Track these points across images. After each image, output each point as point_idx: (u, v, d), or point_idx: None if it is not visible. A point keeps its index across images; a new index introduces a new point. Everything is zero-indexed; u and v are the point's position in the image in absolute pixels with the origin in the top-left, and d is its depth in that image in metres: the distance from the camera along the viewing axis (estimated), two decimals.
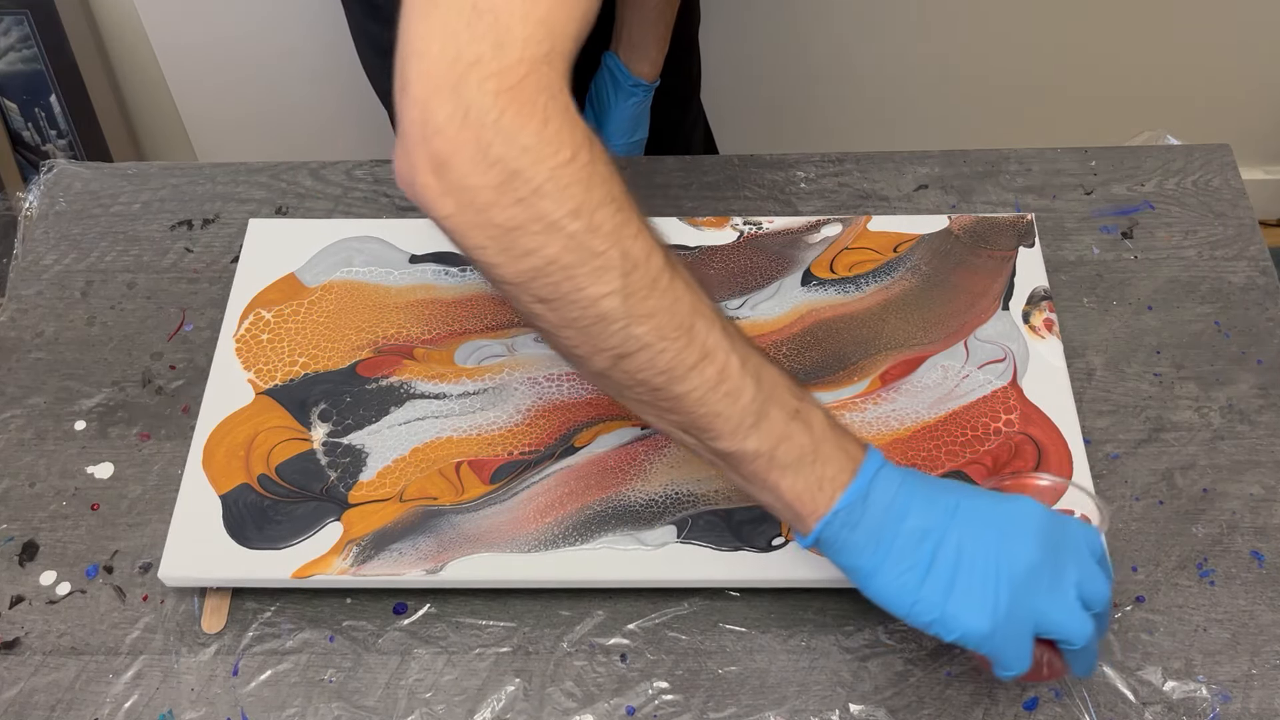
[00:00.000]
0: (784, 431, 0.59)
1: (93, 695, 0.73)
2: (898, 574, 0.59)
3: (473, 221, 0.55)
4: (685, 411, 0.58)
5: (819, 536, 0.60)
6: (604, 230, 0.55)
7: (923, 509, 0.60)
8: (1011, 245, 0.89)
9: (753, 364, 0.59)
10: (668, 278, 0.57)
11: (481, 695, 0.72)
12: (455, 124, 0.53)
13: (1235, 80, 1.65)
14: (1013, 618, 0.59)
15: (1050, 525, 0.61)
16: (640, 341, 0.56)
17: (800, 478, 0.59)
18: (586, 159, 0.55)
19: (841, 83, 1.67)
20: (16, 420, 0.84)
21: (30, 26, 1.56)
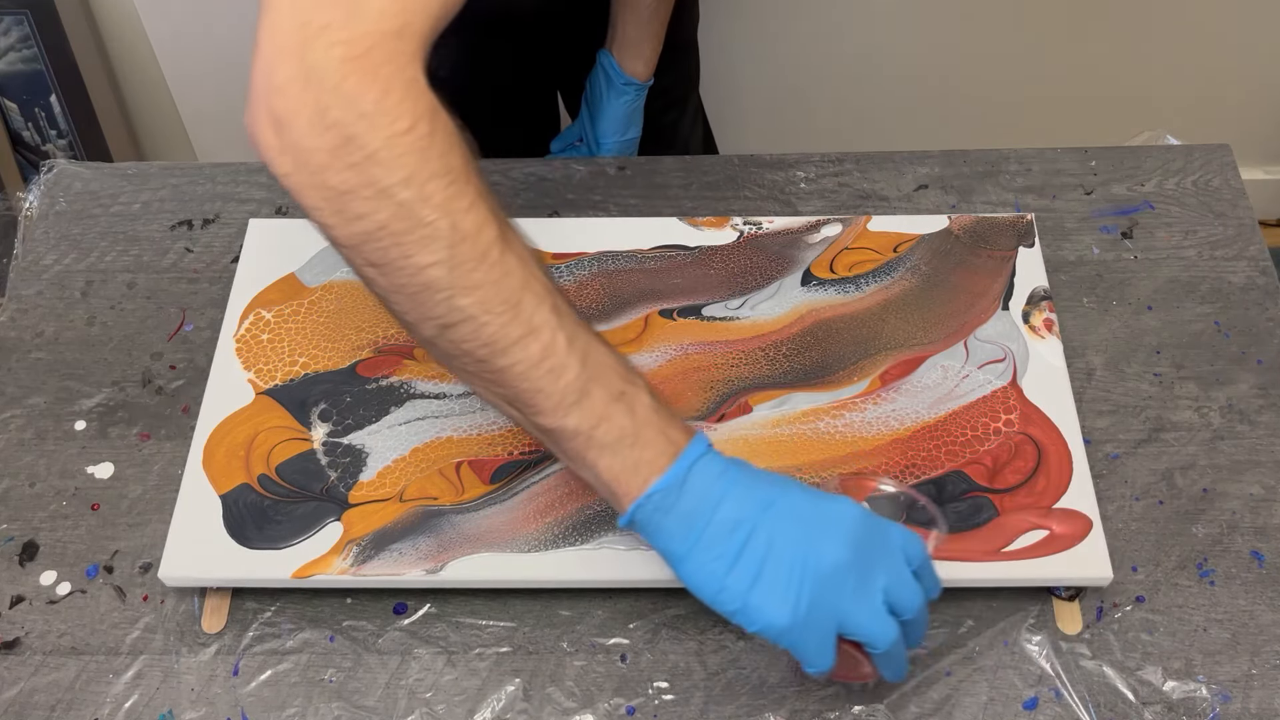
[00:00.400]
0: (605, 412, 0.60)
1: (93, 695, 0.73)
2: (706, 561, 0.60)
3: (308, 182, 0.56)
4: (508, 385, 0.59)
5: (632, 518, 0.61)
6: (434, 201, 0.56)
7: (738, 500, 0.60)
8: (1011, 245, 0.89)
9: (580, 343, 0.60)
10: (498, 252, 0.58)
11: (481, 695, 0.72)
12: (297, 85, 0.54)
13: (1235, 80, 1.65)
14: (814, 615, 0.60)
15: (866, 528, 0.61)
16: (464, 313, 0.57)
17: (618, 459, 0.60)
18: (425, 131, 0.56)
19: (841, 83, 1.67)
20: (16, 420, 0.84)
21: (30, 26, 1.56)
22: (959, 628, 0.74)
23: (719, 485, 0.60)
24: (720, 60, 1.60)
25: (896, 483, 0.71)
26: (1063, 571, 0.73)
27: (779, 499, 0.61)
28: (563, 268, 0.88)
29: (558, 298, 0.60)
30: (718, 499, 0.60)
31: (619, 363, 0.61)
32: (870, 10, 1.57)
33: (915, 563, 0.63)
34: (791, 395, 0.81)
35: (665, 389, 0.81)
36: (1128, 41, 1.60)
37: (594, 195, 0.96)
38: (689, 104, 1.23)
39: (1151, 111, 1.63)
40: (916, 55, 1.63)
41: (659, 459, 0.60)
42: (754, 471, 0.63)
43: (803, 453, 0.78)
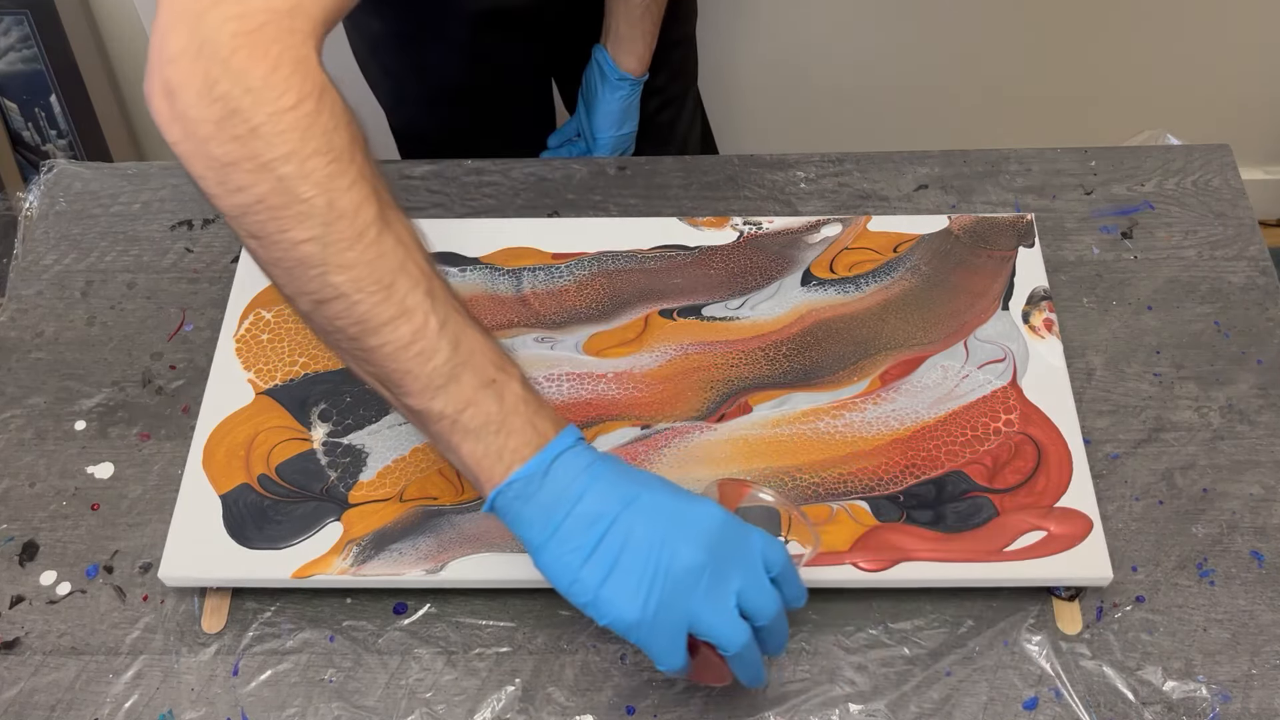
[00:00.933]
0: (472, 398, 0.60)
1: (93, 695, 0.73)
2: (562, 553, 0.61)
3: (194, 151, 0.57)
4: (378, 365, 0.60)
5: (493, 504, 0.62)
6: (313, 178, 0.57)
7: (600, 494, 0.61)
8: (1011, 245, 0.89)
9: (452, 328, 0.60)
10: (375, 232, 0.58)
11: (481, 695, 0.72)
12: (189, 56, 0.56)
13: (1235, 80, 1.65)
14: (664, 613, 0.60)
15: (726, 532, 0.61)
16: (337, 290, 0.58)
17: (481, 444, 0.61)
18: (311, 109, 0.57)
19: (841, 83, 1.67)
20: (16, 420, 0.84)
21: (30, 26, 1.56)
22: (959, 628, 0.74)
23: (582, 479, 0.61)
24: (720, 60, 1.60)
25: (775, 493, 0.71)
26: (1063, 571, 0.73)
27: (641, 496, 0.61)
28: (563, 268, 0.88)
29: (435, 283, 0.61)
30: (579, 492, 0.61)
31: (493, 350, 0.62)
32: (870, 10, 1.57)
33: (775, 570, 0.63)
34: (791, 395, 0.81)
35: (665, 389, 0.82)
36: (1128, 41, 1.60)
37: (594, 195, 0.96)
38: (686, 101, 1.23)
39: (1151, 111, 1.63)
40: (916, 55, 1.63)
41: (523, 448, 0.61)
42: (622, 468, 0.63)
43: (803, 453, 0.78)
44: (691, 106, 1.25)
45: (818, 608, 0.75)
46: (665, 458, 0.78)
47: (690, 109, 1.24)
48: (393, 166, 0.98)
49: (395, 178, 0.97)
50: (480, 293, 0.87)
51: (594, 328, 0.85)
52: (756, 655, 0.63)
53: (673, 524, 0.61)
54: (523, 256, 0.89)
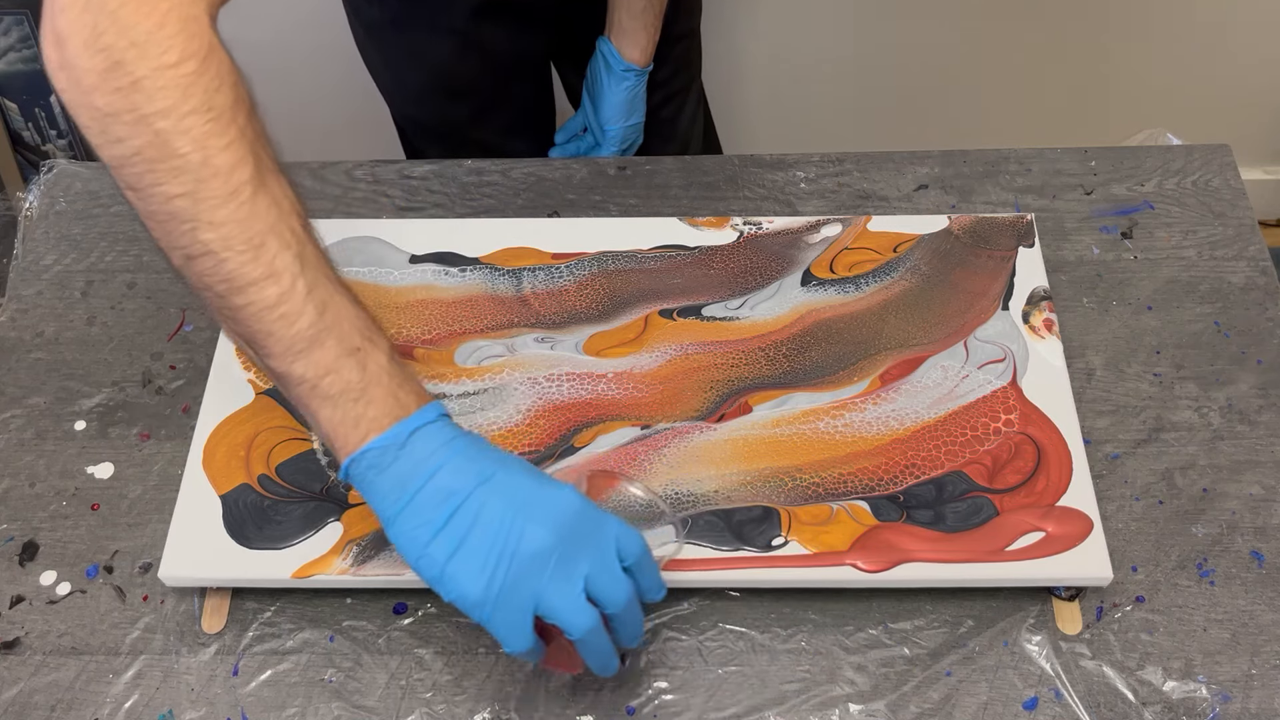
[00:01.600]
0: (334, 365, 0.61)
1: (93, 695, 0.73)
2: (412, 526, 0.61)
3: (79, 100, 0.58)
4: (244, 324, 0.61)
5: (347, 472, 0.62)
6: (191, 135, 0.58)
7: (456, 471, 0.61)
8: (1011, 245, 0.89)
9: (320, 294, 0.61)
10: (249, 192, 0.59)
11: (481, 695, 0.72)
12: (79, 6, 0.57)
13: (1235, 80, 1.65)
14: (509, 593, 0.60)
15: (578, 517, 0.62)
16: (206, 246, 0.59)
17: (339, 411, 0.61)
18: (193, 68, 0.58)
19: (841, 83, 1.67)
20: (16, 420, 0.84)
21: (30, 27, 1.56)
22: (959, 628, 0.74)
23: (440, 454, 0.61)
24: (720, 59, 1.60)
25: (644, 488, 0.71)
26: (1063, 571, 0.73)
27: (497, 475, 0.62)
28: (563, 268, 0.88)
29: (308, 248, 0.61)
30: (435, 467, 0.61)
31: (361, 320, 0.63)
32: (870, 10, 1.57)
33: (629, 559, 0.63)
34: (791, 395, 0.81)
35: (665, 389, 0.82)
36: (1128, 41, 1.60)
37: (594, 195, 0.96)
38: (689, 96, 1.23)
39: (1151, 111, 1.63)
40: (917, 55, 1.63)
41: (381, 418, 0.61)
42: (483, 447, 0.63)
43: (803, 453, 0.78)
44: (695, 101, 1.25)
45: (818, 607, 0.75)
46: (665, 458, 0.78)
47: (694, 104, 1.24)
48: (393, 166, 0.98)
49: (396, 178, 0.97)
50: (480, 293, 0.87)
51: (594, 328, 0.85)
52: (605, 643, 0.63)
53: (525, 505, 0.61)
54: (523, 256, 0.89)
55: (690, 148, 1.25)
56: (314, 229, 0.63)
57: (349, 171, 0.98)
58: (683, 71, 1.20)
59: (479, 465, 0.62)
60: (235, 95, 0.60)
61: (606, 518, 0.63)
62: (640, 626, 0.65)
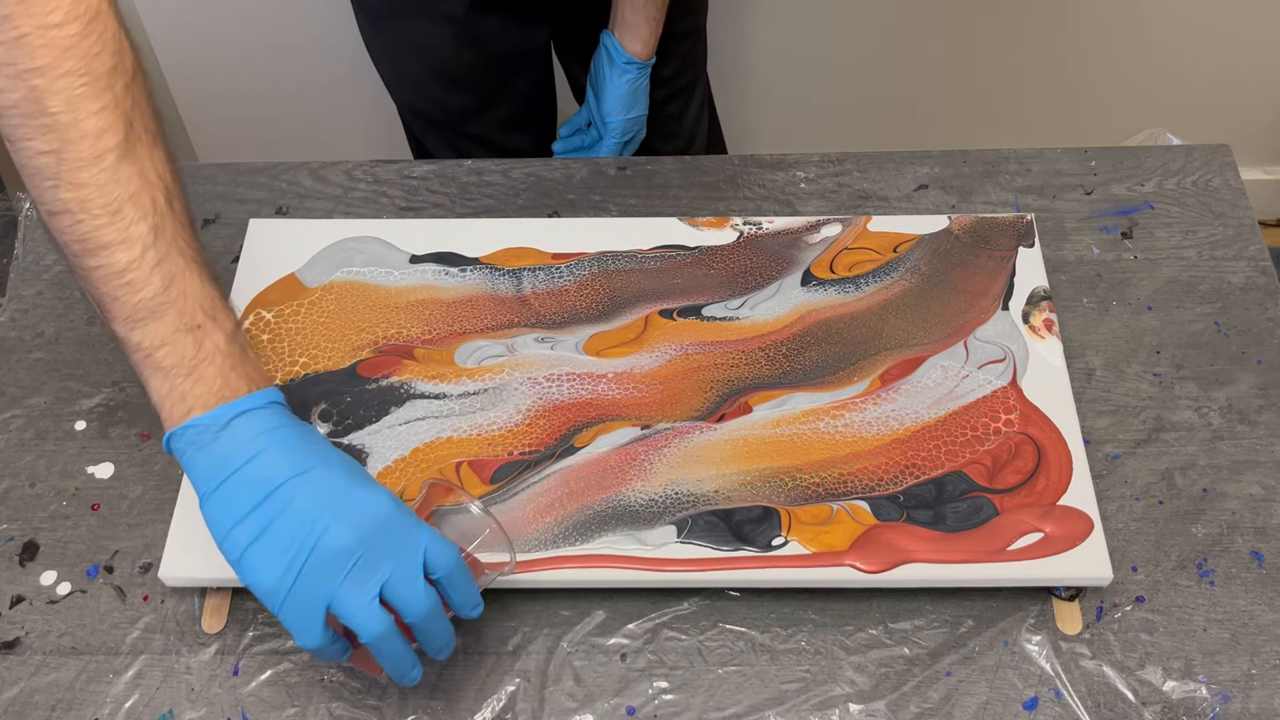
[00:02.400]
0: (170, 338, 0.62)
1: (93, 695, 0.73)
2: (221, 507, 0.62)
3: None
4: (93, 285, 0.63)
5: (168, 445, 0.63)
6: (63, 96, 0.59)
7: (273, 460, 0.62)
8: (1011, 245, 0.89)
9: (170, 266, 0.62)
10: (114, 158, 0.61)
11: (481, 695, 0.72)
12: None
13: (1235, 80, 1.65)
14: (302, 588, 0.61)
15: (386, 522, 0.62)
16: (64, 205, 0.61)
17: (168, 384, 0.63)
18: (75, 30, 0.59)
19: (841, 83, 1.67)
20: (17, 420, 0.84)
21: None
22: (959, 628, 0.74)
23: (260, 440, 0.62)
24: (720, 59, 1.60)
25: (480, 506, 0.70)
26: (1063, 571, 0.73)
27: (313, 470, 0.62)
28: (563, 268, 0.88)
29: (167, 221, 0.63)
30: (254, 453, 0.62)
31: (208, 299, 0.64)
32: (871, 10, 1.57)
33: (438, 570, 0.63)
34: (791, 395, 0.81)
35: (665, 389, 0.82)
36: (1128, 41, 1.60)
37: (594, 195, 0.96)
38: (694, 93, 1.23)
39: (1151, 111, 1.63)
40: (917, 55, 1.63)
41: (207, 397, 0.62)
42: (309, 442, 0.64)
43: (803, 453, 0.78)
44: (699, 98, 1.25)
45: (818, 607, 0.75)
46: (665, 458, 0.78)
47: (698, 101, 1.25)
48: (393, 166, 0.98)
49: (396, 178, 0.97)
50: (480, 293, 0.87)
51: (594, 328, 0.85)
52: (400, 649, 0.63)
53: (334, 502, 0.62)
54: (523, 256, 0.89)
55: (695, 145, 1.25)
56: (184, 207, 0.64)
57: (349, 171, 0.98)
58: (688, 69, 1.20)
59: (297, 457, 0.62)
60: (116, 63, 0.61)
61: (419, 527, 0.63)
62: (447, 639, 0.65)
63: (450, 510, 0.69)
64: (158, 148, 0.63)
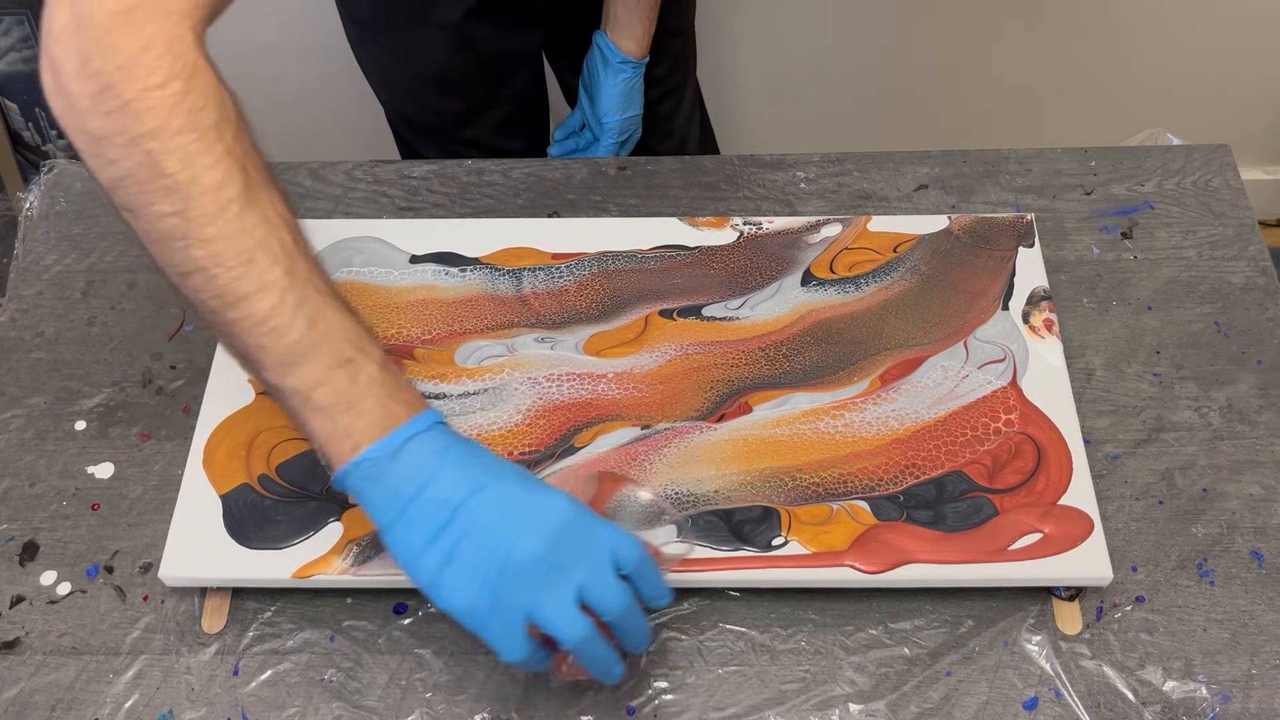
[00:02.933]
0: (324, 376, 0.61)
1: (93, 695, 0.73)
2: (405, 535, 0.62)
3: (74, 125, 0.60)
4: (237, 338, 0.62)
5: (341, 483, 0.63)
6: (178, 154, 0.59)
7: (448, 480, 0.61)
8: (1011, 245, 0.89)
9: (310, 307, 0.62)
10: (238, 208, 0.60)
11: (481, 695, 0.72)
12: (69, 32, 0.58)
13: (1235, 80, 1.65)
14: (500, 603, 0.61)
15: (571, 524, 0.62)
16: (197, 263, 0.60)
17: (330, 422, 0.62)
18: (179, 88, 0.59)
19: (841, 83, 1.67)
20: (17, 420, 0.84)
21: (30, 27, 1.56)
22: (959, 628, 0.74)
23: (432, 463, 0.62)
24: (720, 59, 1.60)
25: (653, 492, 0.70)
26: (1063, 571, 0.73)
27: (489, 484, 0.62)
28: (563, 268, 0.88)
29: (299, 262, 0.62)
30: (428, 477, 0.61)
31: (352, 331, 0.63)
32: (870, 10, 1.57)
33: (627, 566, 0.63)
34: (791, 395, 0.81)
35: (665, 389, 0.82)
36: (1128, 41, 1.60)
37: (594, 195, 0.96)
38: (685, 92, 1.23)
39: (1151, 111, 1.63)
40: (917, 55, 1.63)
41: (371, 429, 0.62)
42: (477, 456, 0.63)
43: (803, 453, 0.78)
44: (691, 98, 1.25)
45: (817, 607, 0.75)
46: (665, 458, 0.78)
47: (690, 100, 1.25)
48: (393, 167, 0.98)
49: (396, 178, 0.97)
50: (480, 293, 0.87)
51: (594, 328, 0.85)
52: (603, 650, 0.63)
53: (516, 514, 0.61)
54: (523, 256, 0.89)
55: (688, 145, 1.25)
56: (306, 242, 0.63)
57: (349, 171, 0.98)
58: (679, 67, 1.20)
59: (471, 474, 0.62)
60: (220, 114, 0.61)
61: (601, 525, 0.63)
62: (645, 632, 0.65)
63: (623, 501, 0.69)
64: (273, 189, 0.63)
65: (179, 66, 0.59)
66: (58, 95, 0.59)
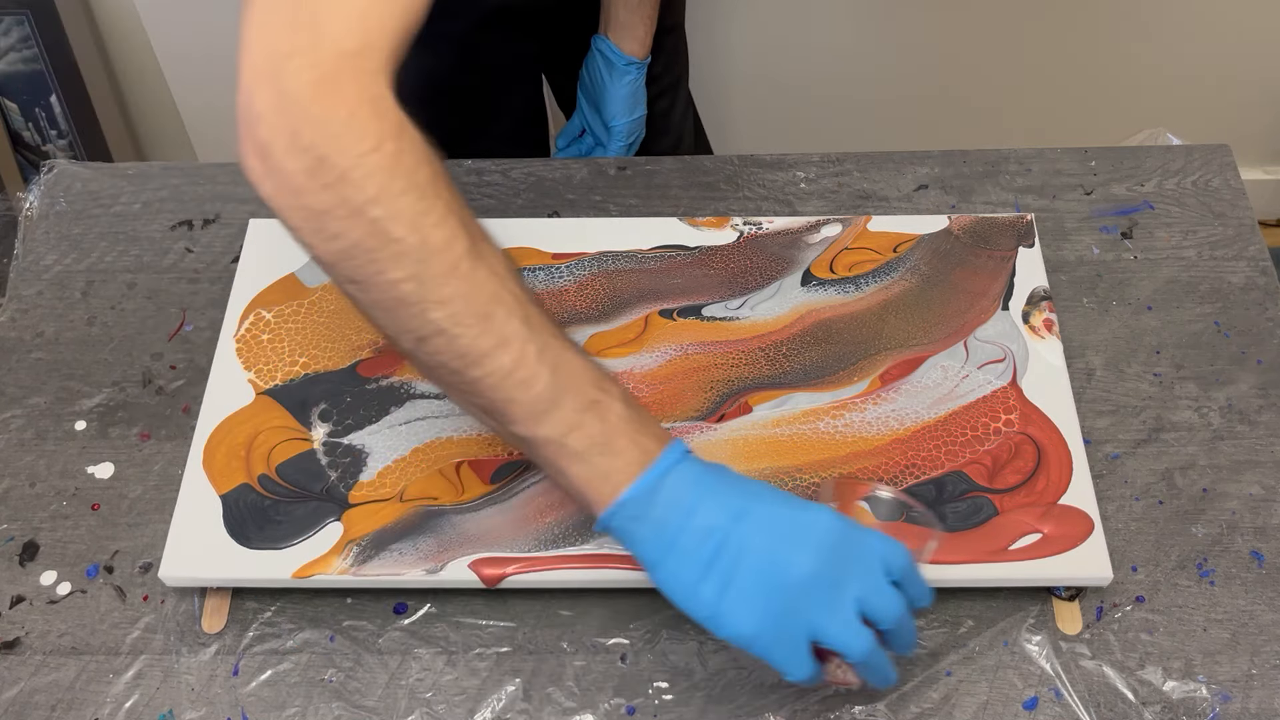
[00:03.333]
0: (576, 421, 0.61)
1: (93, 695, 0.73)
2: (678, 569, 0.61)
3: (289, 204, 0.58)
4: (482, 395, 0.61)
5: (605, 525, 0.62)
6: (404, 217, 0.57)
7: (712, 509, 0.61)
8: (1011, 245, 0.89)
9: (551, 353, 0.61)
10: (468, 265, 0.59)
11: (481, 695, 0.72)
12: (273, 111, 0.57)
13: (1235, 80, 1.65)
14: (783, 624, 0.60)
15: (839, 538, 0.61)
16: (436, 326, 0.59)
17: (587, 467, 0.61)
18: (392, 149, 0.57)
19: (841, 83, 1.67)
20: (17, 420, 0.84)
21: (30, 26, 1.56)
22: (959, 628, 0.74)
23: (692, 494, 0.61)
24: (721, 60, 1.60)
25: (891, 488, 0.71)
26: (1063, 571, 0.73)
27: (752, 508, 0.61)
28: (563, 268, 0.88)
29: (530, 308, 0.61)
30: (690, 508, 0.61)
31: (592, 371, 0.62)
32: (870, 10, 1.57)
33: (896, 572, 0.62)
34: (791, 395, 0.81)
35: (665, 389, 0.82)
36: (1128, 41, 1.60)
37: (594, 195, 0.96)
38: (680, 90, 1.24)
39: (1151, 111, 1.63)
40: (917, 55, 1.63)
41: (630, 468, 0.61)
42: (731, 479, 0.63)
43: (803, 453, 0.78)
44: (684, 95, 1.25)
45: None
46: None
47: (684, 97, 1.25)
48: None
49: None
50: None
51: (594, 328, 0.85)
52: (883, 659, 0.63)
53: (786, 534, 0.61)
54: (523, 256, 0.89)
55: (684, 142, 1.25)
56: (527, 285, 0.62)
57: None
58: (673, 65, 1.20)
59: (732, 500, 0.61)
60: (433, 169, 0.59)
61: (868, 534, 0.62)
62: (914, 634, 0.64)
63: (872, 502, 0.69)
64: (489, 238, 0.61)
65: (387, 126, 0.58)
66: (269, 177, 0.58)
